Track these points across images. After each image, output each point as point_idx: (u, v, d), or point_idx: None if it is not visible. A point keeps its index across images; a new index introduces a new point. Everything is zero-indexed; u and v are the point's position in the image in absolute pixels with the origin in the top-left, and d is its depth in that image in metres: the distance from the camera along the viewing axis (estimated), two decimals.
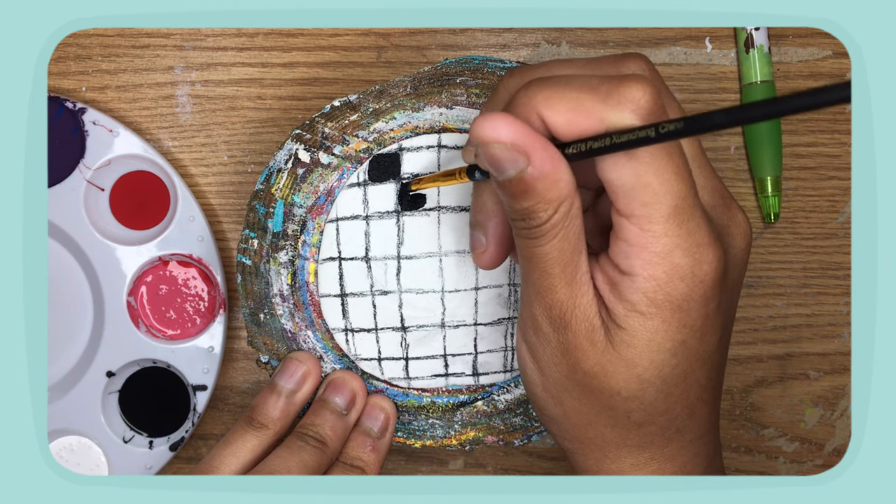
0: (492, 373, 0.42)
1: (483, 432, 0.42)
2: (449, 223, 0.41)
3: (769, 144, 0.45)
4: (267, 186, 0.41)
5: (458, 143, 0.41)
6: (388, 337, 0.42)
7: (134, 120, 0.46)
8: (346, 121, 0.40)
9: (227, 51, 0.45)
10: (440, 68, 0.41)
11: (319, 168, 0.41)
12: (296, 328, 0.42)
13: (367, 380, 0.42)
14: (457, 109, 0.41)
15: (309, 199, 0.41)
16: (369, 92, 0.40)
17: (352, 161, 0.41)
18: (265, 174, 0.41)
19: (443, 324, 0.42)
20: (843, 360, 0.47)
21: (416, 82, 0.41)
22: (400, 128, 0.41)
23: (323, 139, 0.40)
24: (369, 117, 0.41)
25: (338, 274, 0.41)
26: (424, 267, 0.41)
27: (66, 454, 0.45)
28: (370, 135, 0.41)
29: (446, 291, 0.41)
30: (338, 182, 0.41)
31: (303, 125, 0.40)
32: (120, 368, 0.44)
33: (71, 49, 0.45)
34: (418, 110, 0.41)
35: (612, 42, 0.46)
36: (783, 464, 0.47)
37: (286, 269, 0.41)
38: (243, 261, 0.41)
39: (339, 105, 0.40)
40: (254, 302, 0.41)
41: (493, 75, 0.40)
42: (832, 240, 0.46)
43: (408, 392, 0.43)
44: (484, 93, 0.40)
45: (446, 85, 0.41)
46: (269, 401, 0.40)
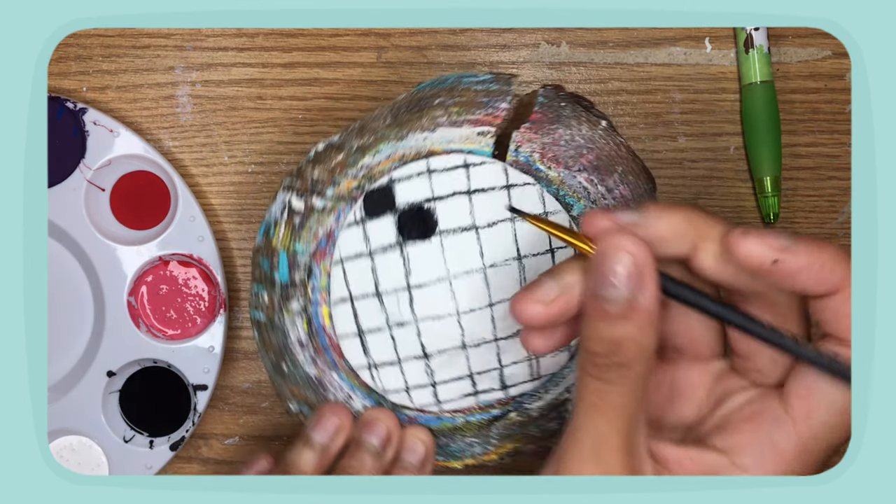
0: (520, 383, 0.42)
1: (521, 442, 0.42)
2: (452, 246, 0.41)
3: (769, 144, 0.45)
4: (266, 240, 0.41)
5: (448, 166, 0.40)
6: (412, 366, 0.42)
7: (134, 120, 0.46)
8: (332, 162, 0.40)
9: (227, 51, 0.45)
10: (416, 94, 0.40)
11: (315, 213, 0.41)
12: (320, 373, 0.42)
13: (399, 410, 0.42)
14: (440, 131, 0.40)
15: (310, 245, 0.41)
16: (350, 130, 0.40)
17: (346, 201, 0.41)
18: (263, 229, 0.41)
19: (463, 345, 0.41)
20: None
21: (395, 112, 0.40)
22: (387, 159, 0.41)
23: (313, 184, 0.40)
24: (355, 154, 0.40)
25: (352, 313, 0.41)
26: (436, 292, 0.41)
27: (67, 454, 0.45)
28: (359, 171, 0.41)
29: (461, 313, 0.41)
30: (336, 223, 0.41)
31: (291, 174, 0.40)
32: (120, 368, 0.44)
33: (71, 49, 0.45)
34: (402, 139, 0.40)
35: (611, 42, 0.46)
36: None
37: (300, 317, 0.41)
38: (257, 316, 0.41)
39: (323, 148, 0.40)
40: (274, 354, 0.41)
41: (468, 91, 0.40)
42: (832, 240, 0.46)
43: (440, 416, 0.42)
44: (463, 110, 0.40)
45: (425, 108, 0.40)
46: (303, 457, 0.39)
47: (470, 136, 0.41)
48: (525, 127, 0.41)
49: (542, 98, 0.40)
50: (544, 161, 0.41)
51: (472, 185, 0.40)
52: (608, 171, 0.41)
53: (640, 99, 0.46)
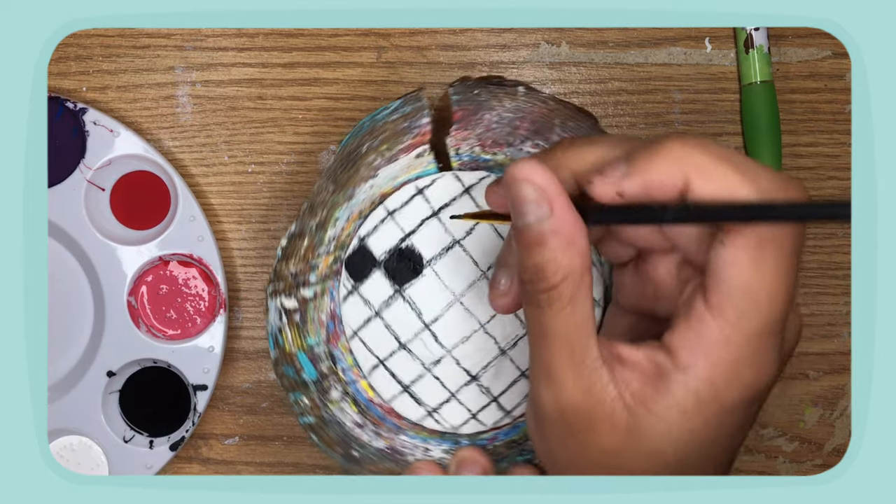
0: None
1: None
2: (445, 269, 0.41)
3: (769, 144, 0.45)
4: (279, 350, 0.41)
5: (405, 200, 0.40)
6: (467, 394, 0.42)
7: (134, 120, 0.46)
8: (301, 250, 0.40)
9: (227, 51, 0.45)
10: (343, 152, 0.40)
11: (310, 303, 0.41)
12: (388, 441, 0.42)
13: (477, 438, 0.42)
14: (381, 173, 0.40)
15: (321, 334, 0.41)
16: (303, 213, 0.40)
17: (331, 278, 0.41)
18: (271, 342, 0.41)
19: (502, 350, 0.41)
20: (843, 360, 0.47)
21: (333, 177, 0.40)
22: (348, 222, 0.41)
23: (295, 278, 0.40)
24: (317, 233, 0.41)
25: (389, 375, 0.41)
26: (453, 317, 0.41)
27: (67, 454, 0.45)
28: (329, 246, 0.41)
29: (484, 323, 0.41)
30: (333, 303, 0.41)
31: (270, 281, 0.40)
32: (120, 368, 0.44)
33: (71, 49, 0.45)
34: (351, 198, 0.40)
35: (611, 42, 0.46)
36: (783, 464, 0.47)
37: (345, 401, 0.41)
38: (307, 421, 0.41)
39: (287, 242, 0.40)
40: (339, 447, 0.41)
41: (387, 124, 0.40)
42: (832, 240, 0.46)
43: (516, 424, 0.42)
44: (392, 143, 0.40)
45: (358, 160, 0.40)
46: None
47: (409, 163, 0.41)
48: (454, 129, 0.41)
49: (455, 96, 0.40)
50: (487, 150, 0.41)
51: (435, 206, 0.41)
52: (548, 128, 0.41)
53: (640, 99, 0.46)
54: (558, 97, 0.41)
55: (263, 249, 0.46)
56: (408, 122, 0.40)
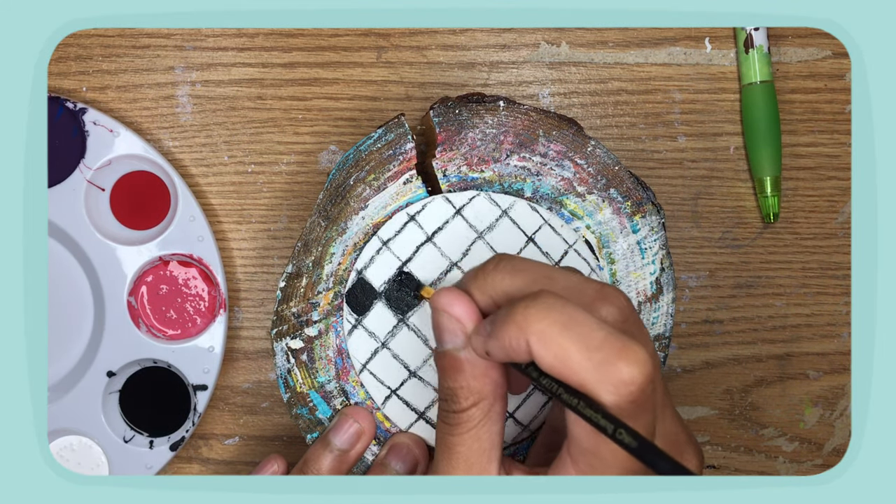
0: None
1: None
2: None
3: (769, 144, 0.45)
4: (291, 391, 0.41)
5: (397, 228, 0.40)
6: None
7: (134, 120, 0.46)
8: (300, 290, 0.40)
9: (227, 51, 0.45)
10: (330, 186, 0.40)
11: (315, 342, 0.41)
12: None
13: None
14: (371, 204, 0.40)
15: (330, 371, 0.41)
16: (297, 253, 0.40)
17: (333, 314, 0.41)
18: (281, 385, 0.41)
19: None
20: (843, 360, 0.47)
21: (323, 212, 0.40)
22: (343, 257, 0.41)
23: (297, 318, 0.41)
24: (315, 271, 0.41)
25: (403, 404, 0.41)
26: None
27: (67, 454, 0.45)
28: (328, 283, 0.41)
29: None
30: (338, 338, 0.41)
31: (273, 324, 0.40)
32: (120, 368, 0.44)
33: (71, 49, 0.45)
34: (344, 231, 0.40)
35: (611, 42, 0.46)
36: (783, 464, 0.47)
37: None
38: None
39: (285, 284, 0.40)
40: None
41: (371, 154, 0.40)
42: (832, 240, 0.46)
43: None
44: (378, 173, 0.40)
45: (346, 193, 0.40)
46: (320, 458, 0.40)
47: (398, 190, 0.41)
48: (439, 151, 0.40)
49: (436, 118, 0.40)
50: (474, 168, 0.41)
51: (429, 230, 0.41)
52: (532, 140, 0.41)
53: (640, 99, 0.46)
54: (539, 108, 0.41)
55: (263, 249, 0.46)
56: (392, 149, 0.40)
